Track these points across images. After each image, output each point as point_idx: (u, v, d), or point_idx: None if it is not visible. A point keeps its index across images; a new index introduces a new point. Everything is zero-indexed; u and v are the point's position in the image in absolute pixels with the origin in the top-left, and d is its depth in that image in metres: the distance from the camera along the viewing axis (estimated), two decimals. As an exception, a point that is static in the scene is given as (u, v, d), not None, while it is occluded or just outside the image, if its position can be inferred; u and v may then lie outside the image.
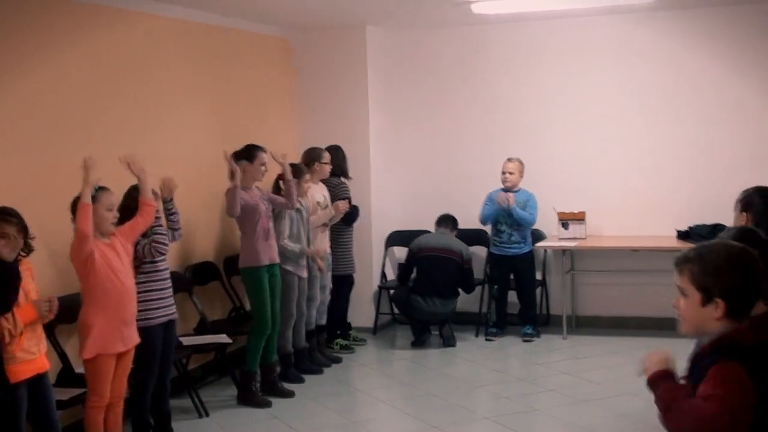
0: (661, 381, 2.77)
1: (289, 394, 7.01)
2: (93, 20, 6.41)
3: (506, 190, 8.62)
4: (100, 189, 5.20)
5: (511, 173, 8.61)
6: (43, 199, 5.66)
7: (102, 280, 5.19)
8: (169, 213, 6.12)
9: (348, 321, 8.71)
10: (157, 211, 5.80)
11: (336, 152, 8.30)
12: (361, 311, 9.07)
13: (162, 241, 5.77)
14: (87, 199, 5.05)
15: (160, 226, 5.83)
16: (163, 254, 5.84)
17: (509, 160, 8.66)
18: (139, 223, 5.52)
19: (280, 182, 7.29)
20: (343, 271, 8.37)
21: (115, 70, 6.64)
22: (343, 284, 8.44)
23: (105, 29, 6.54)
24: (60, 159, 5.92)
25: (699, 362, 2.75)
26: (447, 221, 8.76)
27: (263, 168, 6.98)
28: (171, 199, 6.13)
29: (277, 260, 7.03)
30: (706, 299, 2.71)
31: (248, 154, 6.92)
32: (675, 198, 8.67)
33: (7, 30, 5.69)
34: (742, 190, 4.78)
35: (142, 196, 5.54)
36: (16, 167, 5.65)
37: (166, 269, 5.96)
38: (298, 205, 7.22)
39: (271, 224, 6.98)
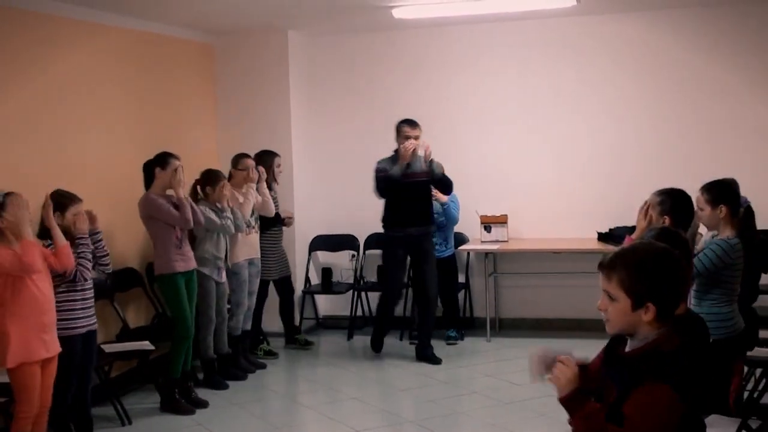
0: (578, 404, 2.77)
1: (203, 404, 6.90)
2: (4, 23, 6.30)
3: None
4: (8, 194, 5.10)
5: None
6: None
7: (19, 289, 5.10)
8: (99, 254, 6.02)
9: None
10: (85, 238, 5.75)
11: (264, 157, 8.21)
12: (286, 316, 9.01)
13: (86, 266, 5.72)
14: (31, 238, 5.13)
15: (87, 252, 5.75)
16: (86, 280, 5.77)
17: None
18: (57, 264, 5.42)
19: (198, 188, 7.25)
20: (266, 277, 8.29)
21: (30, 75, 6.52)
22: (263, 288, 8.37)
23: (17, 32, 6.42)
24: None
25: (622, 365, 2.77)
26: None
27: (176, 174, 6.82)
28: (99, 237, 6.04)
29: (192, 267, 6.95)
30: (637, 304, 2.70)
31: (162, 161, 6.76)
32: (595, 200, 8.82)
33: None
34: (654, 195, 4.89)
35: (55, 245, 5.45)
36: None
37: (90, 280, 5.87)
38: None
39: (184, 232, 6.89)
